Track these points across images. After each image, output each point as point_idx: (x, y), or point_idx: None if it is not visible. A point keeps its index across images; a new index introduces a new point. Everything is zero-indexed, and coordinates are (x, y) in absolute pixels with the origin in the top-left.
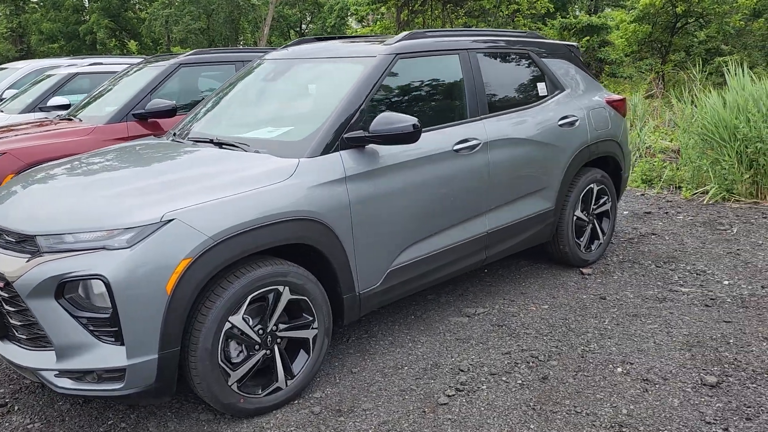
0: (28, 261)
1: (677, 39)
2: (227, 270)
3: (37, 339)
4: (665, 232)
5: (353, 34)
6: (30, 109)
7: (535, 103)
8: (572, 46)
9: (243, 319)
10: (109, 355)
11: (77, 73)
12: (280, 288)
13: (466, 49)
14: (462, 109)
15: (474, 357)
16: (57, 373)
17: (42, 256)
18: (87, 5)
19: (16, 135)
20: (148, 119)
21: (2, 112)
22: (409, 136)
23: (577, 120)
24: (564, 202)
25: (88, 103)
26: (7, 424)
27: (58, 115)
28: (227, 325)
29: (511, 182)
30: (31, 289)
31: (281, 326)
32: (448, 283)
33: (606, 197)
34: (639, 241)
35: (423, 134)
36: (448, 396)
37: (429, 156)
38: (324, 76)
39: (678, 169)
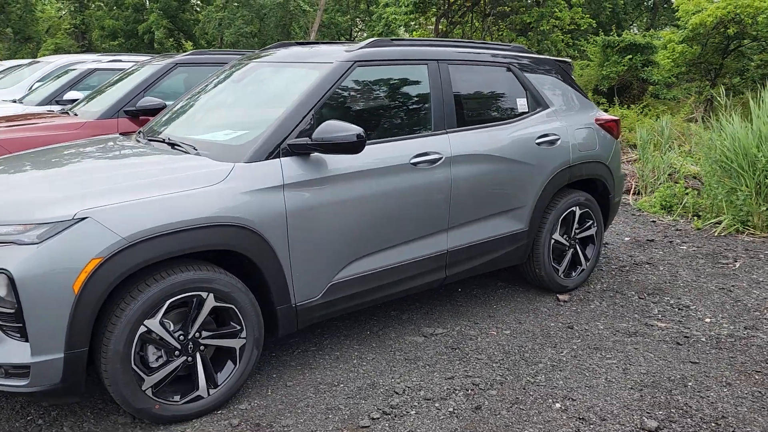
0: None
1: (729, 61)
2: (144, 272)
3: None
4: (662, 262)
5: (332, 41)
6: (47, 101)
7: (512, 120)
8: (564, 62)
9: (160, 323)
10: (14, 351)
11: (95, 69)
12: (203, 294)
13: (437, 60)
14: (426, 122)
15: (415, 380)
16: None
17: None
18: (147, 5)
19: (9, 126)
20: (138, 116)
21: (22, 103)
22: (352, 146)
23: (558, 139)
24: (540, 224)
25: (90, 99)
26: None
27: (61, 109)
28: (142, 329)
29: (478, 200)
30: None
31: (204, 333)
32: (414, 299)
33: (591, 221)
34: (630, 270)
35: (377, 145)
36: (372, 419)
37: (381, 168)
38: (281, 80)
39: (700, 196)
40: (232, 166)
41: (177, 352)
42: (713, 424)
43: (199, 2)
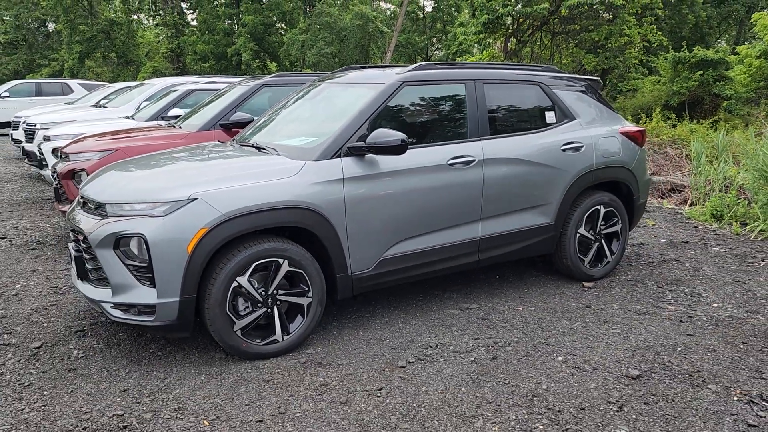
0: (98, 221)
1: None
2: (237, 241)
3: (102, 279)
4: (689, 260)
5: (390, 64)
6: (154, 118)
7: (540, 129)
8: (593, 80)
9: (248, 280)
10: (146, 295)
11: (193, 90)
12: (280, 260)
13: (473, 80)
14: (462, 130)
15: (447, 339)
16: (112, 305)
17: (107, 218)
18: (236, 29)
19: (128, 137)
20: (231, 128)
21: (133, 119)
22: (397, 149)
23: (582, 146)
24: (566, 219)
25: (191, 114)
26: (80, 343)
27: (167, 123)
28: (235, 283)
29: (506, 196)
30: (98, 241)
31: (281, 291)
32: (455, 281)
33: (616, 219)
34: (657, 265)
35: (419, 149)
36: (408, 362)
37: (422, 167)
38: (345, 97)
39: (750, 206)
40: (304, 163)
41: (259, 304)
42: (687, 376)
43: (283, 25)
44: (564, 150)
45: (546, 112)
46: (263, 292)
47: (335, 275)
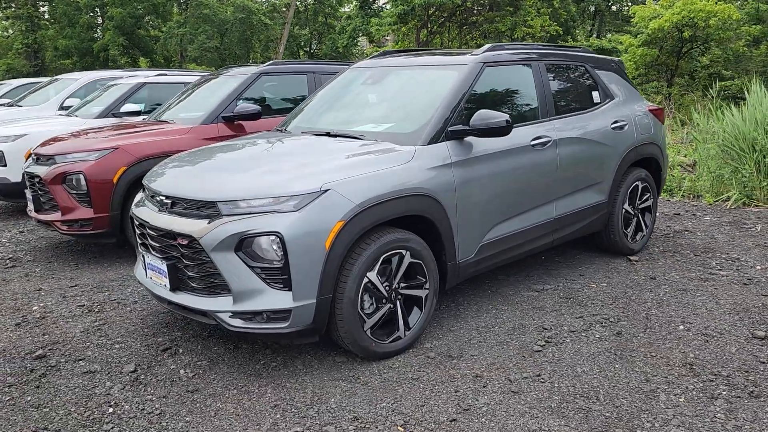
0: (209, 222)
1: (683, 63)
2: (366, 234)
3: (213, 287)
4: (696, 229)
5: (430, 49)
6: (105, 114)
7: (591, 109)
8: (618, 61)
9: (376, 275)
10: (278, 299)
11: (144, 83)
12: (403, 252)
13: (536, 60)
14: (535, 111)
15: (552, 320)
16: (231, 314)
17: (221, 218)
18: (101, 23)
19: (121, 134)
20: (234, 122)
21: (77, 116)
22: (502, 130)
23: (626, 125)
24: (615, 196)
25: (169, 109)
26: (179, 361)
27: (144, 119)
28: (365, 280)
29: (575, 175)
30: (215, 244)
31: (402, 285)
32: (513, 266)
33: (648, 194)
34: (675, 236)
35: None
36: (540, 346)
37: (511, 149)
38: (421, 81)
39: (696, 179)
40: (415, 148)
41: (384, 300)
42: None
43: (155, 18)
44: (613, 129)
45: (593, 92)
46: (387, 287)
47: (446, 264)
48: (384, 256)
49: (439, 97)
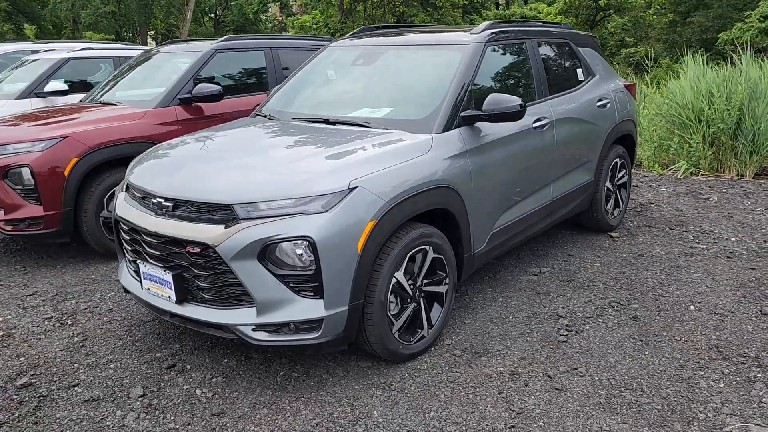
0: (226, 227)
1: (596, 31)
2: (394, 232)
3: (230, 298)
4: (660, 201)
5: (416, 23)
6: (26, 94)
7: (577, 87)
8: (594, 36)
9: (403, 275)
10: (308, 308)
11: (69, 59)
12: (427, 247)
13: (530, 39)
14: (532, 92)
15: (562, 306)
16: (254, 327)
17: (239, 222)
18: None
19: (66, 120)
20: (192, 103)
21: None
22: (516, 114)
23: (608, 102)
24: (599, 175)
25: (109, 89)
26: (191, 380)
27: (81, 100)
28: (393, 280)
29: (568, 156)
30: (235, 252)
31: (425, 282)
32: None
33: (624, 170)
34: (642, 209)
35: None
36: (563, 335)
37: (517, 133)
38: (420, 62)
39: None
40: (431, 137)
41: (409, 299)
42: None
43: None
44: (599, 107)
45: (577, 70)
46: (412, 286)
47: (462, 256)
48: (410, 254)
49: (444, 80)
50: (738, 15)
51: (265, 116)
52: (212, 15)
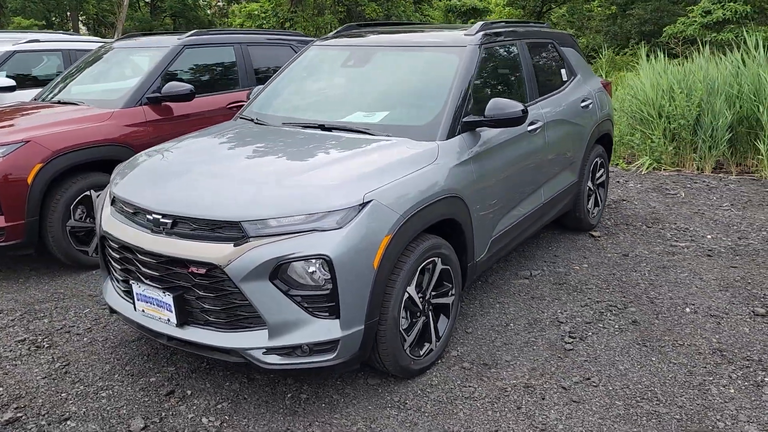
0: (236, 246)
1: (544, 20)
2: (407, 245)
3: (237, 320)
4: (630, 198)
5: (406, 21)
6: None
7: (562, 88)
8: (572, 35)
9: (414, 289)
10: (324, 329)
11: (15, 52)
12: (436, 259)
13: (520, 39)
14: (524, 94)
15: (560, 311)
16: (265, 350)
17: (249, 241)
18: None
19: (26, 121)
20: (161, 103)
21: None
22: (518, 120)
23: (591, 102)
24: (582, 175)
25: (64, 87)
26: (194, 407)
27: (34, 98)
28: (405, 295)
29: (557, 158)
30: (246, 273)
31: (433, 294)
32: None
33: (603, 169)
34: (616, 207)
35: None
36: (568, 343)
37: (514, 137)
38: (415, 64)
39: None
40: (437, 145)
41: (419, 313)
42: None
43: None
44: (582, 107)
45: (561, 70)
46: (422, 299)
47: (466, 265)
48: (421, 267)
49: (443, 83)
50: (675, 9)
51: (251, 120)
52: (148, 0)
